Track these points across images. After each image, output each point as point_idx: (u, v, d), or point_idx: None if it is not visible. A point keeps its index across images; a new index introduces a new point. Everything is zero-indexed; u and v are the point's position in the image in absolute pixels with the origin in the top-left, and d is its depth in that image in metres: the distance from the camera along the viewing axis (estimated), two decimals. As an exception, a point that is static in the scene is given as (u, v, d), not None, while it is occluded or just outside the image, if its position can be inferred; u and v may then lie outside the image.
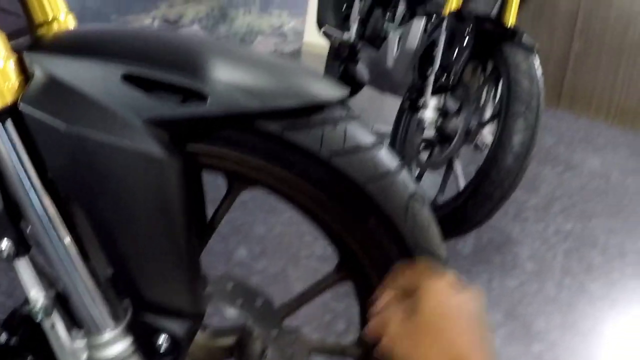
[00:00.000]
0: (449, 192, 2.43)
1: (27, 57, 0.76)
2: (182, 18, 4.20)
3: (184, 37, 0.84)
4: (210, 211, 0.92)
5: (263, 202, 2.51)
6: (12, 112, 0.73)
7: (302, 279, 2.06)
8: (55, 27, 0.89)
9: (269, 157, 0.81)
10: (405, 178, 0.87)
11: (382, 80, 3.13)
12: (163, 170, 0.75)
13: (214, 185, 0.91)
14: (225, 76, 0.76)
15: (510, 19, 2.58)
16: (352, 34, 3.38)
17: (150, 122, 0.74)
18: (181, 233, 0.79)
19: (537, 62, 2.30)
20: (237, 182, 0.89)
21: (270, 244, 2.26)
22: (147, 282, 0.80)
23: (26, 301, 0.84)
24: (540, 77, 2.26)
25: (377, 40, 3.15)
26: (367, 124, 0.86)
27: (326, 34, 3.58)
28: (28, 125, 0.74)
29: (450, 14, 2.47)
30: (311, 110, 0.81)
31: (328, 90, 0.82)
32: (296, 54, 5.08)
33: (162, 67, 0.75)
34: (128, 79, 0.74)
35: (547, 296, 2.27)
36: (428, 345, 0.72)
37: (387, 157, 0.86)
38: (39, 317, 0.82)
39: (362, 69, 3.31)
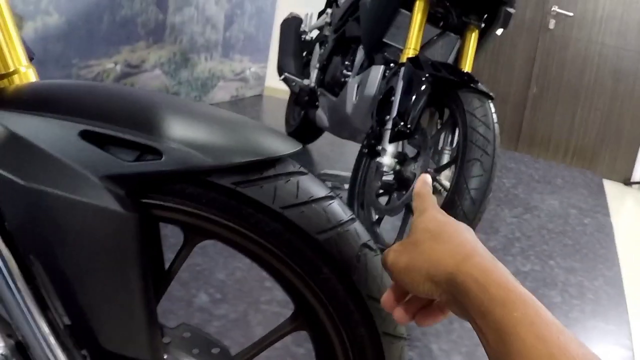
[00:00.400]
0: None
1: None
2: (144, 63, 4.21)
3: (141, 93, 0.86)
4: (167, 259, 0.93)
5: (223, 248, 2.50)
6: None
7: (263, 324, 2.06)
8: (16, 80, 0.90)
9: (223, 210, 0.83)
10: (358, 228, 0.89)
11: (342, 126, 3.17)
12: (119, 224, 0.77)
13: (175, 232, 0.92)
14: (180, 133, 0.78)
15: (467, 66, 2.65)
16: (311, 80, 3.43)
17: (107, 178, 0.76)
18: (137, 284, 0.80)
19: (492, 108, 2.35)
20: (192, 234, 0.90)
21: (230, 289, 2.26)
22: (104, 332, 0.81)
23: None
24: (495, 122, 2.31)
25: (336, 86, 3.20)
26: (318, 179, 0.89)
27: (286, 80, 3.62)
28: None
29: (408, 61, 2.51)
30: (264, 165, 0.83)
31: (280, 145, 0.84)
32: (257, 98, 5.12)
33: (118, 124, 0.77)
34: (85, 135, 0.76)
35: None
36: (429, 246, 0.74)
37: (339, 209, 0.88)
38: None
39: (321, 115, 3.35)
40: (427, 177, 0.87)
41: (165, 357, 0.91)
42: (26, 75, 0.93)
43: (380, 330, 0.91)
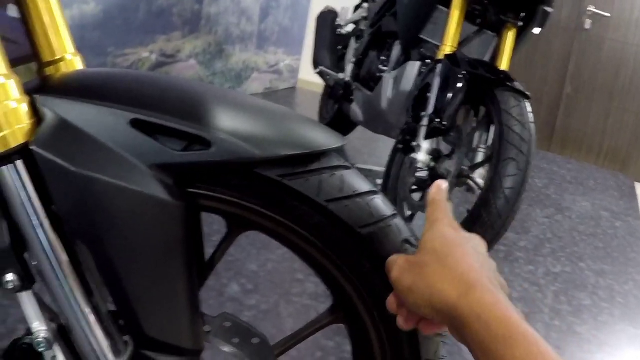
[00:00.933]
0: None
1: (39, 100, 0.78)
2: (179, 52, 4.24)
3: (189, 83, 0.87)
4: (208, 251, 0.94)
5: (256, 239, 2.53)
6: (23, 152, 0.75)
7: (294, 316, 2.07)
8: (63, 67, 0.91)
9: (268, 202, 0.84)
10: (399, 224, 0.89)
11: (376, 121, 3.18)
12: (167, 213, 0.78)
13: (211, 224, 0.93)
14: (228, 124, 0.78)
15: (504, 64, 2.63)
16: (347, 74, 3.44)
17: (156, 167, 0.76)
18: (182, 272, 0.81)
19: (529, 107, 2.34)
20: (235, 225, 0.91)
21: (262, 280, 2.27)
22: (148, 319, 0.82)
23: (28, 332, 0.85)
24: (532, 122, 2.30)
25: (371, 81, 3.20)
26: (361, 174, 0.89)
27: (321, 74, 3.62)
28: (38, 166, 0.76)
29: (445, 58, 2.51)
30: (309, 158, 0.84)
31: (326, 138, 0.85)
32: (291, 91, 5.12)
33: (168, 113, 0.77)
34: (136, 124, 0.77)
35: (536, 339, 2.27)
36: (433, 271, 0.73)
37: (382, 204, 0.88)
38: (41, 349, 0.84)
39: (356, 109, 3.36)
40: (443, 183, 0.87)
41: (205, 345, 0.92)
42: (72, 62, 0.93)
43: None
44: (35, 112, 0.78)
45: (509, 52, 2.65)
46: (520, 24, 2.66)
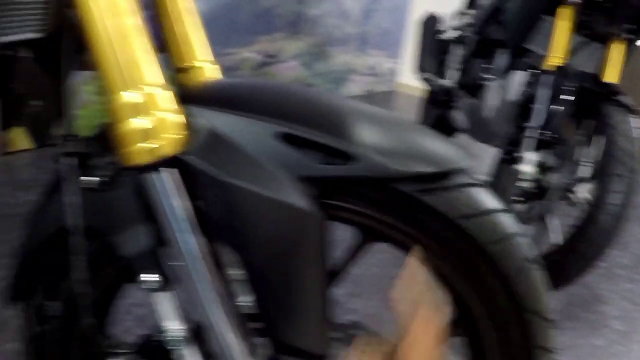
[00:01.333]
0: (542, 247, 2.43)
1: (191, 111, 0.83)
2: (281, 53, 4.31)
3: (329, 97, 0.89)
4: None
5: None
6: (176, 160, 0.81)
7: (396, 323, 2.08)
8: (199, 74, 0.96)
9: (401, 216, 0.87)
10: (525, 242, 0.91)
11: (479, 130, 3.16)
12: (308, 223, 0.81)
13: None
14: (370, 140, 0.81)
15: (612, 77, 2.58)
16: (450, 81, 3.42)
17: (300, 178, 0.80)
18: (318, 280, 0.85)
19: (636, 122, 2.30)
20: (368, 236, 0.94)
21: (366, 285, 2.29)
22: (284, 323, 0.85)
23: (160, 329, 0.90)
24: (638, 138, 2.26)
25: (475, 89, 3.18)
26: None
27: (425, 79, 3.62)
28: (190, 173, 0.81)
29: (553, 69, 2.48)
30: (443, 175, 0.86)
31: (459, 156, 0.87)
32: (389, 94, 5.14)
33: (313, 127, 0.81)
34: (282, 137, 0.81)
35: (635, 358, 2.24)
36: None
37: (510, 222, 0.90)
38: (173, 347, 0.88)
39: (458, 116, 3.35)
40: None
41: (332, 352, 0.94)
42: (210, 70, 0.98)
43: (535, 343, 0.93)
44: (188, 123, 0.83)
45: (617, 65, 2.59)
46: (631, 36, 2.61)
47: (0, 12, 0.91)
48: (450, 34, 3.80)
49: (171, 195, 0.81)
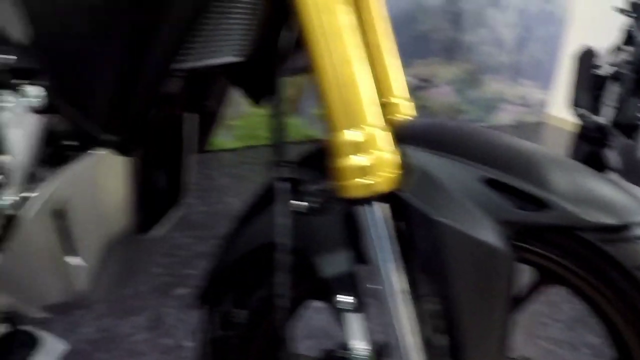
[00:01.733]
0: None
1: (405, 150, 0.91)
2: (435, 78, 4.41)
3: (528, 146, 0.95)
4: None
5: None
6: (390, 195, 0.88)
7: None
8: (396, 111, 1.05)
9: (582, 262, 0.93)
10: None
11: (635, 172, 3.15)
12: (505, 264, 0.89)
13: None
14: (565, 190, 0.88)
15: None
16: (604, 118, 3.43)
17: (501, 222, 0.88)
18: (504, 311, 0.92)
19: None
20: (546, 278, 0.99)
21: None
22: (467, 355, 0.93)
23: (344, 346, 0.96)
24: None
25: (630, 129, 3.17)
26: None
27: (579, 115, 3.61)
28: (402, 208, 0.89)
29: None
30: (625, 226, 0.91)
31: (639, 209, 0.92)
32: (538, 125, 5.09)
33: (515, 174, 0.88)
34: (485, 181, 0.88)
35: None
36: None
37: None
38: None
39: (612, 156, 3.35)
40: None
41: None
42: (406, 108, 1.06)
43: None
44: (402, 162, 0.90)
45: None
46: None
47: (203, 36, 0.96)
48: (606, 69, 3.75)
49: (381, 226, 0.89)
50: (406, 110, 1.08)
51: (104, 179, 1.01)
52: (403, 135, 0.94)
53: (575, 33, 5.02)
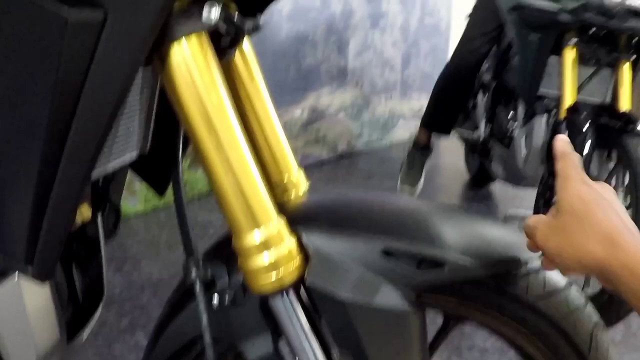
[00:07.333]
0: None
1: (302, 236, 0.93)
2: (328, 107, 4.46)
3: (421, 207, 1.02)
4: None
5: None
6: (297, 283, 0.92)
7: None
8: (290, 188, 1.07)
9: (483, 302, 0.99)
10: (591, 310, 1.03)
11: (516, 178, 3.23)
12: (413, 322, 0.94)
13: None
14: (457, 245, 0.93)
15: (625, 103, 2.65)
16: (480, 132, 3.46)
17: (404, 286, 0.92)
18: None
19: None
20: (453, 319, 1.07)
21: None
22: None
23: None
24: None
25: (505, 138, 3.21)
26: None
27: (459, 135, 3.70)
28: (309, 293, 0.94)
29: (567, 111, 2.59)
30: (520, 264, 0.98)
31: (525, 253, 0.98)
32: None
33: (411, 239, 0.93)
34: (383, 252, 0.92)
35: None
36: (576, 233, 0.78)
37: (576, 294, 1.02)
38: None
39: (494, 166, 3.42)
40: (563, 137, 0.91)
41: None
42: (298, 181, 1.09)
43: None
44: (301, 248, 0.93)
45: (628, 89, 2.66)
46: (634, 56, 2.68)
47: (109, 141, 0.92)
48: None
49: (294, 314, 0.93)
50: (300, 183, 1.10)
51: (29, 299, 1.02)
52: (300, 219, 0.97)
53: (454, 42, 5.11)
